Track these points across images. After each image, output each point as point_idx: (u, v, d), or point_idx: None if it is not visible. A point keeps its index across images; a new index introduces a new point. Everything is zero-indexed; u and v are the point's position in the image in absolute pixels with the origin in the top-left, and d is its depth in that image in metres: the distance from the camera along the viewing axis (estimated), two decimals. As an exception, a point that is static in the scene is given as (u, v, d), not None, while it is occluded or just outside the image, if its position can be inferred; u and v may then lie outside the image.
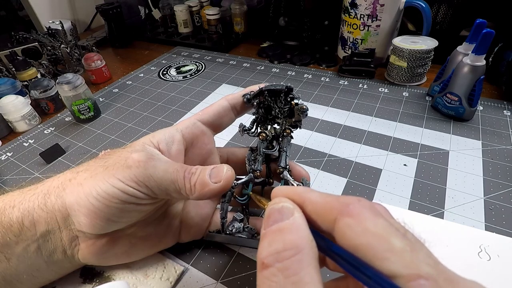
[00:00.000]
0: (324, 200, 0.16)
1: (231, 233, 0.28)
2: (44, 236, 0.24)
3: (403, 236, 0.13)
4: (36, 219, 0.24)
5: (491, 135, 0.43)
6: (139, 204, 0.24)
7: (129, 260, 0.29)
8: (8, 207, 0.24)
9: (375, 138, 0.45)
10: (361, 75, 0.60)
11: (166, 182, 0.23)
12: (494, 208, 0.33)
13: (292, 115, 0.29)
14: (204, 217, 0.31)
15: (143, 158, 0.24)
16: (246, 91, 0.29)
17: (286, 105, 0.28)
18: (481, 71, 0.42)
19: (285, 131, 0.29)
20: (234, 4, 0.81)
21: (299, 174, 0.29)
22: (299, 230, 0.15)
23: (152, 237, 0.28)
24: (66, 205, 0.24)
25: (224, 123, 0.31)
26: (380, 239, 0.13)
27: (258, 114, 0.29)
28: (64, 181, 0.25)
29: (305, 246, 0.14)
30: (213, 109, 0.30)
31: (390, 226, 0.14)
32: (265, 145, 0.29)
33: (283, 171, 0.28)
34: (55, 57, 0.71)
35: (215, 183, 0.24)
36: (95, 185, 0.23)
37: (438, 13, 0.63)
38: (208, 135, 0.30)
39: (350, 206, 0.14)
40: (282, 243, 0.14)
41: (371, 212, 0.14)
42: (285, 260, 0.14)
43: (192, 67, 0.71)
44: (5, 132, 0.53)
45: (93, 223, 0.24)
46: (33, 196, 0.24)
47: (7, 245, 0.23)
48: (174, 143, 0.27)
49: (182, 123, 0.29)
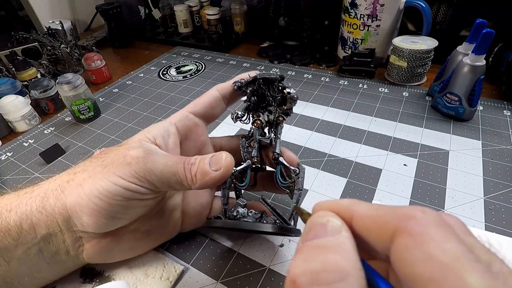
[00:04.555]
0: (376, 213, 0.13)
1: (235, 218, 0.27)
2: (45, 239, 0.24)
3: (485, 269, 0.09)
4: (36, 222, 0.23)
5: (491, 135, 0.43)
6: (142, 199, 0.24)
7: (135, 255, 0.29)
8: (5, 210, 0.24)
9: (375, 138, 0.45)
10: (361, 75, 0.60)
11: (167, 175, 0.24)
12: (494, 208, 0.33)
13: (283, 103, 0.29)
14: (204, 205, 0.31)
15: (142, 154, 0.24)
16: (236, 79, 0.30)
17: (279, 93, 0.29)
18: (481, 71, 0.42)
19: (278, 118, 0.30)
20: (234, 4, 0.81)
21: (290, 159, 0.30)
22: (346, 252, 0.12)
23: (155, 230, 0.29)
24: (66, 207, 0.23)
25: (216, 113, 0.31)
26: (448, 272, 0.09)
27: (250, 102, 0.30)
28: (61, 183, 0.24)
29: (351, 272, 0.11)
30: (205, 100, 0.30)
31: (467, 253, 0.10)
32: (260, 132, 0.30)
33: (279, 157, 0.29)
34: (55, 57, 0.71)
35: (215, 171, 0.24)
36: (96, 184, 0.23)
37: (438, 13, 0.63)
38: (201, 127, 0.30)
39: (411, 221, 0.11)
40: (322, 262, 0.11)
41: (440, 230, 0.11)
42: (325, 285, 0.11)
43: (192, 67, 0.71)
44: (5, 132, 0.53)
45: (97, 222, 0.24)
46: (30, 199, 0.24)
47: (6, 249, 0.23)
48: (170, 137, 0.27)
49: (175, 116, 0.29)
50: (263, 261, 0.30)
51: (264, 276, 0.29)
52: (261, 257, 0.30)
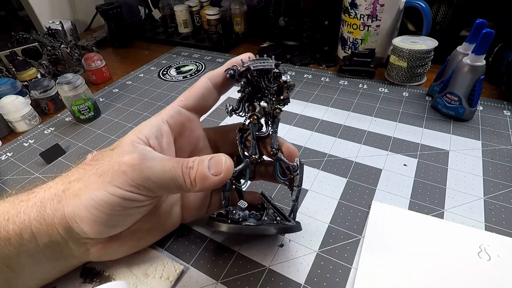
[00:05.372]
0: None
1: (236, 221, 0.27)
2: (48, 247, 0.24)
3: None
4: (36, 231, 0.23)
5: (491, 135, 0.43)
6: (140, 206, 0.24)
7: (139, 249, 0.30)
8: (3, 219, 0.23)
9: (375, 138, 0.45)
10: (361, 75, 0.60)
11: (165, 181, 0.23)
12: (494, 208, 0.33)
13: (279, 93, 0.27)
14: (203, 198, 0.31)
15: (137, 161, 0.23)
16: (228, 66, 0.28)
17: (274, 83, 0.27)
18: (481, 71, 0.42)
19: (275, 110, 0.28)
20: (234, 4, 0.81)
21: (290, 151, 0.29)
22: None
23: (156, 227, 0.29)
24: (65, 217, 0.23)
25: (209, 104, 0.29)
26: None
27: (244, 93, 0.28)
28: (57, 192, 0.24)
29: None
30: (196, 91, 0.28)
31: None
32: (257, 128, 0.29)
33: (277, 153, 0.28)
34: (55, 57, 0.71)
35: (215, 176, 0.23)
36: (93, 195, 0.22)
37: (438, 13, 0.63)
38: (195, 121, 0.29)
39: None
40: None
41: None
42: None
43: (192, 67, 0.71)
44: (5, 132, 0.53)
45: (98, 230, 0.24)
46: (26, 208, 0.24)
47: (7, 257, 0.23)
48: (163, 137, 0.26)
49: (166, 112, 0.27)
50: (263, 261, 0.30)
51: (264, 276, 0.29)
52: (261, 257, 0.30)
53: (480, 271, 0.27)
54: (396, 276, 0.28)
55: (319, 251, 0.30)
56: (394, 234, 0.31)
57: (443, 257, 0.29)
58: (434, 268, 0.28)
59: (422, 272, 0.28)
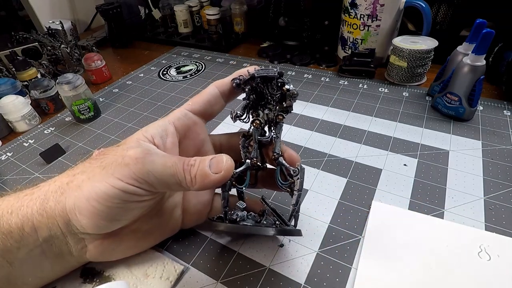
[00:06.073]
0: None
1: (235, 221, 0.27)
2: (48, 241, 0.24)
3: None
4: (37, 225, 0.23)
5: (491, 135, 0.43)
6: (140, 201, 0.24)
7: (137, 252, 0.30)
8: (6, 213, 0.24)
9: (375, 138, 0.45)
10: (361, 75, 0.60)
11: (166, 176, 0.23)
12: (494, 208, 0.33)
13: (282, 100, 0.28)
14: (205, 203, 0.31)
15: (140, 155, 0.23)
16: (235, 76, 0.29)
17: (278, 91, 0.28)
18: (481, 71, 0.42)
19: (277, 117, 0.29)
20: (234, 4, 0.81)
21: (291, 157, 0.29)
22: None
23: (156, 229, 0.29)
24: (66, 210, 0.23)
25: (215, 111, 0.30)
26: None
27: (249, 100, 0.29)
28: (61, 185, 0.24)
29: None
30: (203, 98, 0.29)
31: None
32: (259, 132, 0.29)
33: (279, 157, 0.28)
34: (55, 57, 0.71)
35: (215, 174, 0.24)
36: (95, 187, 0.23)
37: (438, 13, 0.63)
38: (200, 125, 0.30)
39: None
40: None
41: None
42: None
43: (192, 67, 0.71)
44: (5, 132, 0.53)
45: (97, 224, 0.24)
46: (30, 201, 0.24)
47: (8, 251, 0.23)
48: (168, 136, 0.27)
49: (173, 115, 0.28)
50: (263, 261, 0.30)
51: (264, 276, 0.29)
52: (261, 257, 0.30)
53: (480, 271, 0.27)
54: (396, 276, 0.28)
55: (319, 251, 0.30)
56: (394, 234, 0.31)
57: (443, 257, 0.29)
58: (434, 268, 0.28)
59: (422, 272, 0.28)
